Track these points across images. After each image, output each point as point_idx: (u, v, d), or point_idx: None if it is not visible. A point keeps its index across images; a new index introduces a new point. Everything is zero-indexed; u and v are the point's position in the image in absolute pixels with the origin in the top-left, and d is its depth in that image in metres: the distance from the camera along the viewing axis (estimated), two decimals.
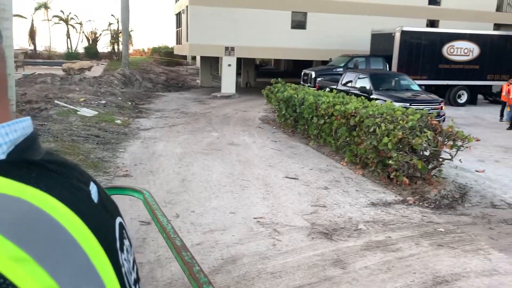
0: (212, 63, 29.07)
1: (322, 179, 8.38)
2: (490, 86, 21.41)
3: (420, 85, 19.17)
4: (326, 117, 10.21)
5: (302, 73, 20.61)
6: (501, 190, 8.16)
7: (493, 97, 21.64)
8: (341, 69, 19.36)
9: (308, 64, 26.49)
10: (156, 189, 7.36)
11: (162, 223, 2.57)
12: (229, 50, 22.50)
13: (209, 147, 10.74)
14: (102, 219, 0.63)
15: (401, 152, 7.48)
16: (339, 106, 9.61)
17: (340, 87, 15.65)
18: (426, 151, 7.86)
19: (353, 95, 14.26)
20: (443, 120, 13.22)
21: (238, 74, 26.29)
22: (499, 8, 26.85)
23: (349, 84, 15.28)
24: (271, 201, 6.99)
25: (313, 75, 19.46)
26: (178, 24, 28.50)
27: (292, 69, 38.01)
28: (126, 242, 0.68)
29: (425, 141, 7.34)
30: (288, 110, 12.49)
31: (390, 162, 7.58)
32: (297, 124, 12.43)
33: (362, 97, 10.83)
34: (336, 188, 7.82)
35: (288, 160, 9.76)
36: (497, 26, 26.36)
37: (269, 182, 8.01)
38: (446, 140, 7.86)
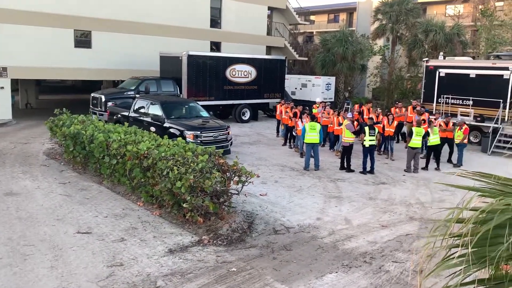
0: None
1: (118, 228, 8.08)
2: (267, 103, 24.34)
3: (209, 106, 20.46)
4: (118, 157, 9.89)
5: (91, 97, 19.47)
6: (281, 213, 9.34)
7: (269, 112, 24.69)
8: (132, 93, 19.09)
9: (98, 80, 25.20)
10: None
11: None
12: (0, 71, 19.61)
13: None
14: None
15: (194, 194, 7.80)
16: (131, 146, 9.43)
17: (132, 114, 15.40)
18: (217, 187, 8.40)
19: (146, 125, 14.31)
20: (231, 144, 14.35)
21: (15, 90, 23.19)
22: (269, 33, 30.68)
23: (142, 110, 15.15)
24: (60, 269, 6.38)
25: (103, 99, 18.60)
26: None
27: (81, 84, 35.56)
28: None
29: (215, 182, 7.82)
30: (76, 148, 11.62)
31: (185, 205, 7.82)
32: (88, 162, 11.68)
33: (154, 134, 10.84)
34: (133, 238, 7.65)
35: (80, 208, 9.08)
36: (268, 48, 30.08)
37: (58, 243, 7.30)
38: (233, 175, 8.58)
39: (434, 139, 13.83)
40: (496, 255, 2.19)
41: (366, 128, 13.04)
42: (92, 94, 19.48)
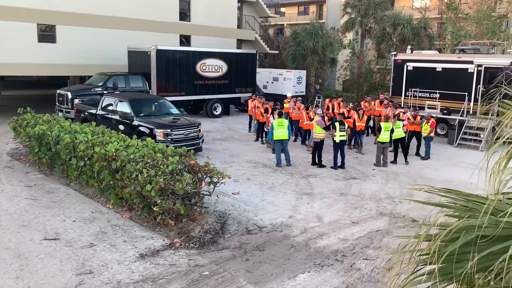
0: None
1: (87, 233, 7.89)
2: (239, 97, 24.23)
3: (179, 101, 20.26)
4: (86, 159, 9.63)
5: (57, 94, 18.86)
6: (253, 213, 9.33)
7: (241, 107, 24.61)
8: (100, 89, 18.63)
9: (64, 75, 24.47)
10: None
11: None
12: None
13: None
14: None
15: (164, 197, 7.68)
16: (99, 148, 9.19)
17: (100, 111, 15.02)
18: (188, 189, 8.29)
19: (114, 123, 14.01)
20: (202, 141, 14.22)
21: None
22: (239, 26, 30.47)
23: (110, 108, 14.79)
24: (26, 280, 6.17)
25: (70, 96, 18.05)
26: None
27: (47, 79, 34.37)
28: None
29: (186, 184, 7.71)
30: (42, 149, 11.24)
31: (155, 208, 7.70)
32: (54, 163, 11.33)
33: (123, 134, 10.57)
34: (103, 243, 7.48)
35: (47, 213, 8.81)
36: (239, 42, 29.91)
37: (24, 251, 7.05)
38: (205, 176, 8.49)
39: (397, 132, 14.08)
40: (462, 272, 2.23)
41: (337, 124, 13.15)
42: (58, 91, 18.88)
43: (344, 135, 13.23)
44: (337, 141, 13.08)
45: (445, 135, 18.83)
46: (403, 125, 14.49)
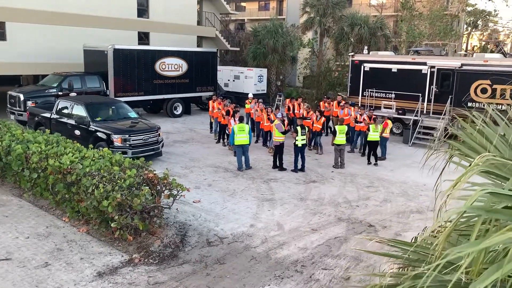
0: None
1: (42, 251, 7.64)
2: (200, 96, 24.03)
3: (139, 101, 19.88)
4: (39, 171, 9.29)
5: (8, 95, 18.02)
6: (214, 222, 9.33)
7: (202, 106, 24.42)
8: (55, 90, 17.98)
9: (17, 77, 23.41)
10: None
11: None
12: None
13: None
14: None
15: (122, 213, 7.55)
16: (53, 160, 8.89)
17: (54, 115, 14.50)
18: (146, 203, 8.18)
19: (70, 128, 13.59)
20: (162, 146, 14.03)
21: None
22: (199, 23, 30.14)
23: (65, 111, 14.30)
24: None
25: (22, 98, 17.30)
26: None
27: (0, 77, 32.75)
28: None
29: (144, 199, 7.60)
30: None
31: (113, 225, 7.56)
32: (5, 174, 10.85)
33: (78, 144, 10.25)
34: (58, 262, 7.27)
35: None
36: (200, 39, 29.60)
37: None
38: (164, 188, 8.40)
39: (373, 136, 14.48)
40: None
41: (298, 128, 13.30)
42: (9, 92, 18.04)
43: (305, 139, 13.42)
44: (299, 145, 13.24)
45: (400, 134, 19.47)
46: (378, 128, 14.67)
